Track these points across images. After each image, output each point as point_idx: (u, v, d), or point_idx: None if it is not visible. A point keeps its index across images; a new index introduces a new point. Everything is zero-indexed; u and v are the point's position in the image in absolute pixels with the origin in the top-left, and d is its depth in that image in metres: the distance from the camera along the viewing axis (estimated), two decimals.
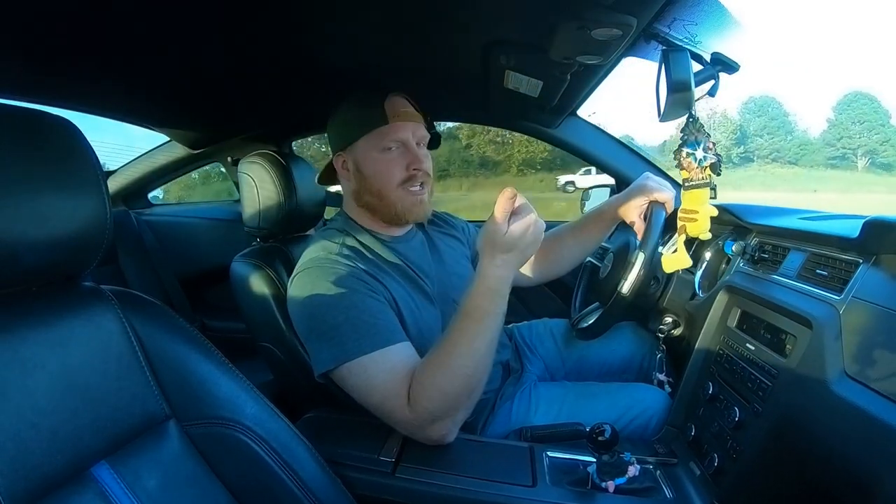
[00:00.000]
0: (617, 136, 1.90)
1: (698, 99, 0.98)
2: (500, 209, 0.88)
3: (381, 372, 0.94)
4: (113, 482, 0.63)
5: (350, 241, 1.12)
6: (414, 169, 1.12)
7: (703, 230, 1.04)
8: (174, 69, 1.22)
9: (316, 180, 1.31)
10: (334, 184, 1.29)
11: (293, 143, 2.22)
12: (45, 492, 0.57)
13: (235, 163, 2.08)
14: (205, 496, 0.71)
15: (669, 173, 1.68)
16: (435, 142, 1.23)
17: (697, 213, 1.03)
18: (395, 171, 1.12)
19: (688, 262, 1.11)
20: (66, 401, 0.61)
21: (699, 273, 1.30)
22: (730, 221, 1.29)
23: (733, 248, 1.19)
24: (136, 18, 0.90)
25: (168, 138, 2.09)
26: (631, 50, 1.01)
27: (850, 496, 0.69)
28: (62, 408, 0.61)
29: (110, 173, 2.33)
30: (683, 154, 1.00)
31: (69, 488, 0.59)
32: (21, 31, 0.90)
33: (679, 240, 1.09)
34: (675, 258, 1.10)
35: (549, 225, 1.49)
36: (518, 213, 0.89)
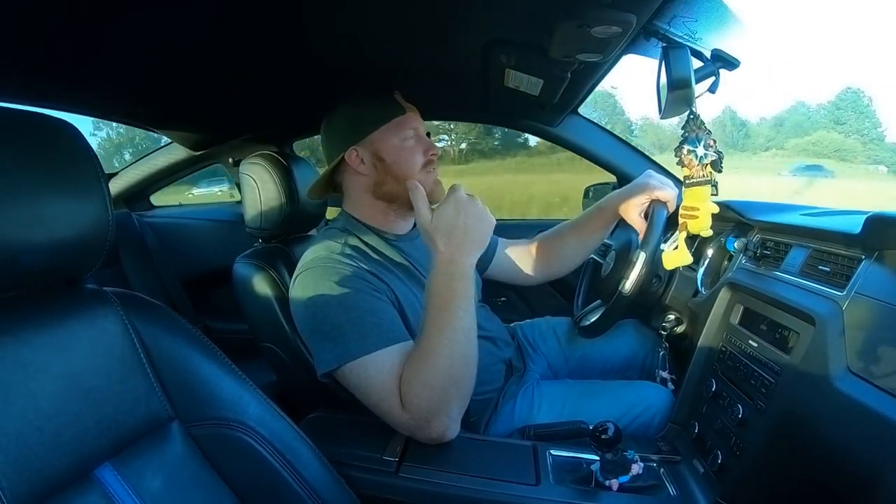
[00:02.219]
0: None
1: (699, 96, 0.98)
2: (415, 204, 1.00)
3: (381, 372, 0.94)
4: (116, 484, 0.63)
5: (353, 241, 1.12)
6: (431, 154, 1.17)
7: (704, 227, 1.04)
8: (175, 71, 1.22)
9: (307, 194, 1.30)
10: (327, 196, 1.30)
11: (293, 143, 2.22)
12: (49, 494, 0.57)
13: (237, 164, 2.08)
14: (209, 497, 0.72)
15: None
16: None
17: (698, 210, 1.03)
18: (417, 156, 1.15)
19: (688, 259, 1.11)
20: (69, 403, 0.61)
21: (701, 270, 1.30)
22: (731, 218, 1.28)
23: (735, 244, 1.19)
24: (137, 20, 0.90)
25: (169, 140, 2.09)
26: (631, 47, 1.01)
27: (853, 492, 0.69)
28: (65, 410, 0.61)
29: (112, 175, 2.33)
30: (684, 151, 1.00)
31: (73, 490, 0.60)
32: (21, 34, 0.90)
33: (680, 237, 1.09)
34: (675, 255, 1.10)
35: (551, 223, 1.49)
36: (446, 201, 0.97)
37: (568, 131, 1.88)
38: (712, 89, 1.01)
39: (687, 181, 1.02)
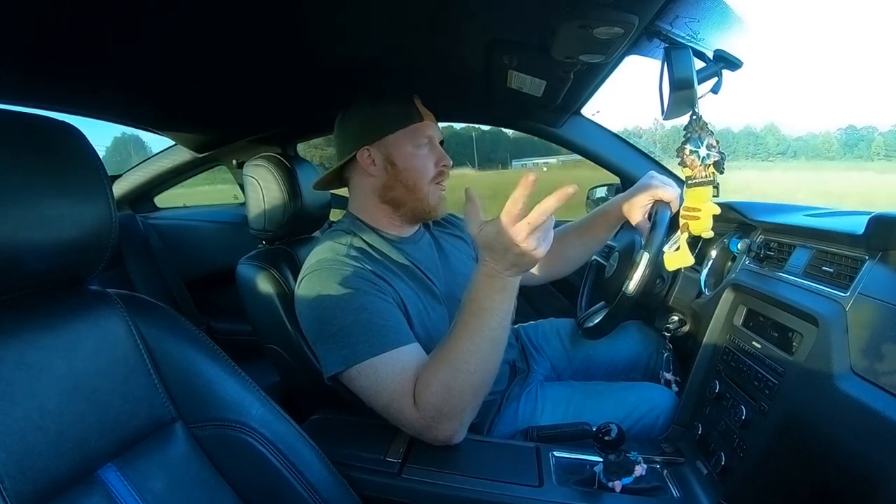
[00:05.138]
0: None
1: (701, 96, 0.98)
2: (467, 213, 0.90)
3: (391, 373, 0.94)
4: (119, 484, 0.63)
5: (357, 242, 1.12)
6: (443, 165, 1.17)
7: (705, 228, 1.04)
8: (178, 72, 1.23)
9: (313, 186, 1.31)
10: (333, 188, 1.30)
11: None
12: (52, 494, 0.57)
13: (240, 165, 2.09)
14: (211, 498, 0.72)
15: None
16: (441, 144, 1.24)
17: (700, 210, 1.03)
18: (429, 166, 1.16)
19: (690, 260, 1.10)
20: (72, 404, 0.61)
21: (705, 271, 1.30)
22: (735, 219, 1.28)
23: (739, 245, 1.19)
24: (140, 21, 0.91)
25: (173, 142, 2.10)
26: (634, 48, 1.01)
27: (856, 493, 0.69)
28: (69, 410, 0.61)
29: (116, 177, 2.34)
30: (686, 151, 1.00)
31: (76, 490, 0.60)
32: (24, 37, 0.91)
33: (681, 238, 1.09)
34: (677, 256, 1.10)
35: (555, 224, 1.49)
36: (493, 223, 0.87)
37: (571, 132, 1.87)
38: (715, 90, 1.01)
39: (689, 182, 1.02)
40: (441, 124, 1.29)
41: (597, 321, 1.32)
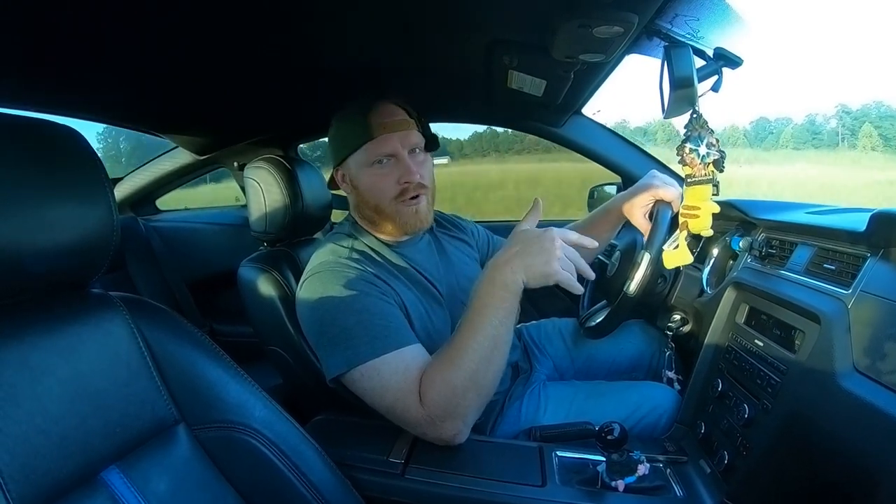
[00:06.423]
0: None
1: (701, 95, 0.98)
2: (527, 215, 0.98)
3: (394, 373, 0.94)
4: (123, 486, 0.63)
5: (358, 245, 1.13)
6: (405, 182, 1.10)
7: (704, 227, 1.04)
8: (178, 73, 1.23)
9: (327, 184, 1.31)
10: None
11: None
12: (56, 496, 0.58)
13: (242, 168, 2.09)
14: (215, 499, 0.72)
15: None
16: (433, 144, 1.20)
17: (699, 209, 1.03)
18: (388, 185, 1.10)
19: (689, 259, 1.10)
20: (75, 406, 0.62)
21: (707, 269, 1.29)
22: (736, 217, 1.28)
23: (740, 243, 1.19)
24: (140, 21, 0.91)
25: (175, 145, 2.10)
26: (634, 47, 1.01)
27: (860, 490, 0.69)
28: (72, 413, 0.61)
29: (117, 180, 2.35)
30: (686, 150, 1.00)
31: (79, 492, 0.60)
32: (23, 38, 0.91)
33: (680, 236, 1.09)
34: (675, 254, 1.10)
35: (557, 225, 1.49)
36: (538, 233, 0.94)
37: (572, 132, 1.88)
38: (715, 88, 1.01)
39: (688, 180, 1.02)
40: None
41: (599, 320, 1.31)
